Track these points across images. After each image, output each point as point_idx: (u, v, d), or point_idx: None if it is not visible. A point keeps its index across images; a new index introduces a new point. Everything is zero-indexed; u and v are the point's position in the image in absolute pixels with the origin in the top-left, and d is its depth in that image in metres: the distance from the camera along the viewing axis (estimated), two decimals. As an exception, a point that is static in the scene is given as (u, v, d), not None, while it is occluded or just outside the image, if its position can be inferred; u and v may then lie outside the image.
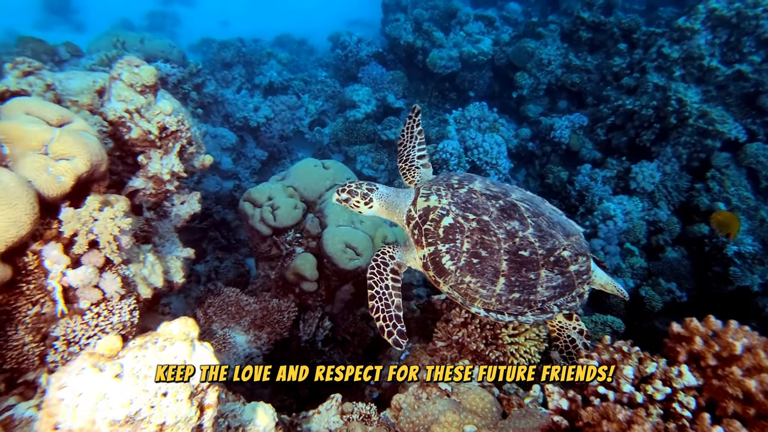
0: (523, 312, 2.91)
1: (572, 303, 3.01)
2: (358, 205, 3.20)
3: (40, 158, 2.11)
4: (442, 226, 2.89)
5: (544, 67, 9.74)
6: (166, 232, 3.45)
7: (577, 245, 3.02)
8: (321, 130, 9.82)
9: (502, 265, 2.81)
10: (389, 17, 12.35)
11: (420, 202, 3.04)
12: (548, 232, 2.94)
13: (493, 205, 2.95)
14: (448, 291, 2.93)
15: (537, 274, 2.85)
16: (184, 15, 16.90)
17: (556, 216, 3.20)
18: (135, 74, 3.38)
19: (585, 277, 3.02)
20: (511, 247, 2.83)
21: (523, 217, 2.93)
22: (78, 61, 7.87)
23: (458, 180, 3.15)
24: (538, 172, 9.60)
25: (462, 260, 2.82)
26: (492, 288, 2.82)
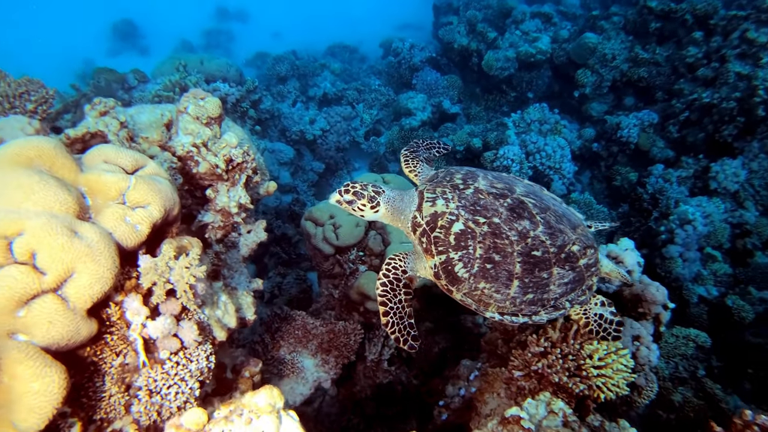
0: (536, 312, 2.84)
1: (582, 297, 2.95)
2: (363, 209, 3.01)
3: (118, 208, 2.14)
4: (453, 233, 2.75)
5: (608, 63, 9.23)
6: (234, 263, 3.48)
7: (585, 237, 2.93)
8: (377, 140, 9.79)
9: (515, 268, 2.71)
10: (441, 20, 12.16)
11: (426, 207, 2.87)
12: (557, 227, 2.84)
13: (501, 204, 2.82)
14: (461, 299, 2.82)
15: (549, 273, 2.77)
16: (238, 30, 17.46)
17: (559, 206, 3.07)
18: (200, 107, 3.42)
19: (594, 269, 2.96)
20: (524, 248, 2.73)
21: (532, 214, 2.82)
22: (145, 87, 8.24)
23: (462, 179, 2.96)
24: (603, 174, 9.11)
25: (475, 267, 2.71)
26: (506, 292, 2.73)
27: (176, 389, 2.07)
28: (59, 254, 1.80)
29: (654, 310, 3.69)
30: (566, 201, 7.73)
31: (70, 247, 1.83)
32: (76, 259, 1.84)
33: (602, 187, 9.16)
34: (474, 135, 9.14)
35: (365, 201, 2.98)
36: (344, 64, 12.25)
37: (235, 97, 7.76)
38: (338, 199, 2.98)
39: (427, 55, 10.50)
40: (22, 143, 2.08)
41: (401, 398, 5.23)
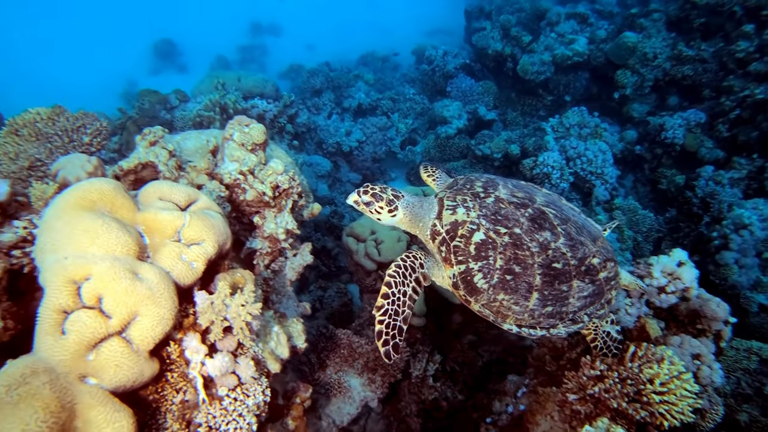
0: (555, 325, 2.78)
1: (601, 310, 2.89)
2: (379, 212, 2.91)
3: (175, 247, 2.19)
4: (474, 243, 2.68)
5: (649, 62, 8.92)
6: (281, 287, 3.53)
7: (605, 250, 2.88)
8: (413, 149, 9.77)
9: (535, 280, 2.66)
10: (473, 25, 12.05)
11: (446, 215, 2.79)
12: (578, 239, 2.79)
13: (522, 214, 2.76)
14: (479, 309, 2.76)
15: (569, 286, 2.72)
16: (272, 44, 17.79)
17: (579, 217, 3.01)
18: (245, 134, 3.50)
19: (613, 282, 2.90)
20: (545, 260, 2.68)
21: (553, 225, 2.77)
22: (186, 106, 8.50)
23: (482, 186, 2.89)
24: (648, 177, 8.81)
25: (495, 278, 2.65)
26: (525, 304, 2.68)
27: (235, 425, 2.11)
28: (123, 298, 1.86)
29: (714, 326, 3.54)
30: (610, 207, 7.54)
31: (132, 290, 1.89)
32: (139, 303, 1.89)
33: (646, 190, 8.86)
34: (511, 141, 9.00)
35: (383, 204, 2.89)
36: (377, 74, 12.31)
37: (272, 113, 7.90)
38: (356, 200, 2.91)
39: (460, 61, 10.43)
40: (85, 187, 2.16)
41: (447, 414, 5.18)
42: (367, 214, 2.99)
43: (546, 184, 7.65)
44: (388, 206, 2.89)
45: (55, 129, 3.76)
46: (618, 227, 7.30)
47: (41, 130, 3.76)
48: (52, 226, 2.02)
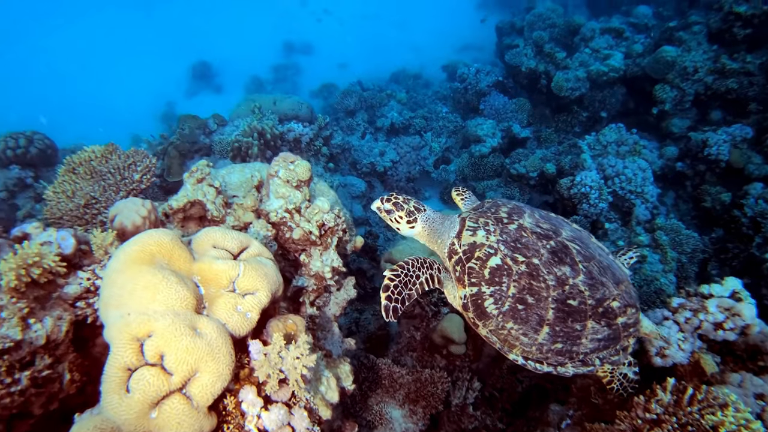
0: (563, 363, 2.71)
1: (615, 357, 2.80)
2: (399, 221, 2.99)
3: (230, 298, 2.24)
4: (489, 267, 2.67)
5: (690, 76, 8.68)
6: (326, 323, 3.56)
7: (627, 295, 2.81)
8: (446, 168, 9.75)
9: (548, 314, 2.61)
10: (504, 41, 12.00)
11: (465, 236, 2.80)
12: (599, 279, 2.72)
13: (543, 246, 2.73)
14: (486, 335, 2.74)
15: (583, 326, 2.65)
16: (304, 63, 18.15)
17: (605, 257, 2.93)
18: (291, 171, 3.56)
19: (632, 330, 2.82)
20: (560, 295, 2.63)
21: (574, 261, 2.72)
22: (223, 130, 8.72)
23: (507, 213, 2.89)
24: (690, 194, 8.52)
25: (506, 305, 2.63)
26: (534, 337, 2.64)
27: (289, 476, 2.13)
28: (184, 356, 1.91)
29: (779, 363, 3.38)
30: (651, 227, 7.32)
31: (193, 348, 1.94)
32: (199, 360, 1.94)
33: (688, 208, 8.57)
34: (547, 159, 8.88)
35: (402, 214, 2.96)
36: (409, 92, 12.37)
37: (308, 137, 8.03)
38: (378, 206, 3.01)
39: (493, 79, 10.37)
40: (144, 240, 2.24)
41: (487, 444, 5.09)
42: (388, 223, 3.07)
43: (584, 205, 7.50)
44: (408, 217, 2.97)
45: (108, 167, 3.91)
46: (661, 248, 7.08)
47: (95, 168, 3.92)
48: (115, 281, 2.10)
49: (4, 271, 1.97)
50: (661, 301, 6.59)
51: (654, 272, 6.96)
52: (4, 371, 1.77)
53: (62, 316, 2.12)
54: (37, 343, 1.96)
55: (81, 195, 3.80)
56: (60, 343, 2.05)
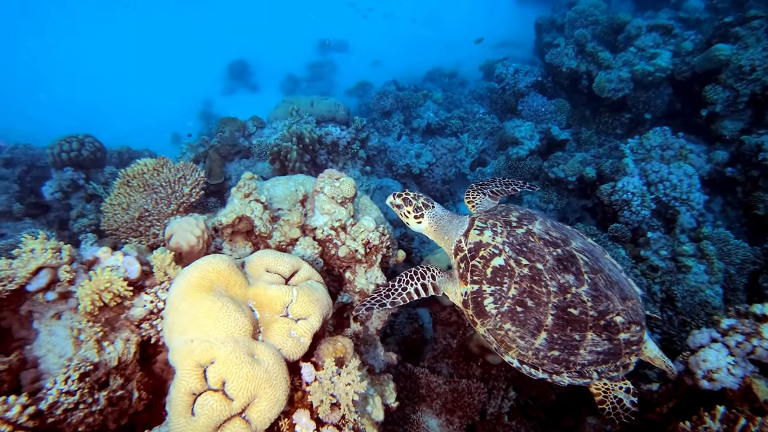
0: (559, 372, 2.71)
1: (615, 372, 2.77)
2: (407, 216, 3.14)
3: (284, 323, 2.33)
4: (492, 266, 2.73)
5: (746, 76, 8.28)
6: (368, 336, 3.63)
7: (633, 312, 2.79)
8: (483, 170, 9.68)
9: (547, 320, 2.63)
10: (543, 38, 11.76)
11: (473, 234, 2.89)
12: (604, 292, 2.71)
13: (549, 252, 2.76)
14: (483, 333, 2.79)
15: (583, 336, 2.65)
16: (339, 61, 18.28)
17: (616, 273, 2.92)
18: (336, 188, 3.64)
19: (635, 348, 2.79)
20: (561, 302, 2.64)
21: (580, 271, 2.72)
22: (262, 132, 8.90)
23: (517, 218, 2.94)
24: (740, 200, 8.20)
25: (505, 306, 2.67)
26: (531, 341, 2.66)
27: (339, 498, 2.21)
28: (244, 383, 2.01)
29: None
30: (697, 236, 7.09)
31: (252, 376, 2.03)
32: (258, 387, 2.04)
33: (738, 215, 8.25)
34: (587, 163, 8.70)
35: (410, 209, 3.11)
36: (445, 92, 12.28)
37: (346, 140, 8.11)
38: (391, 201, 3.22)
39: (532, 79, 10.19)
40: (204, 267, 2.35)
41: (523, 455, 5.09)
42: (399, 217, 3.24)
43: (625, 212, 7.33)
44: (415, 212, 3.11)
45: (160, 180, 4.08)
46: (707, 258, 6.86)
47: (148, 181, 4.09)
48: (178, 308, 2.21)
49: (80, 297, 2.11)
50: (706, 314, 6.41)
51: (699, 283, 6.77)
52: (86, 392, 1.91)
53: (130, 338, 2.26)
54: (110, 364, 2.10)
55: (135, 208, 3.98)
56: (129, 363, 2.19)
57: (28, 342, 2.13)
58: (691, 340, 3.61)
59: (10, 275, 2.02)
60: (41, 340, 2.15)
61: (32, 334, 2.16)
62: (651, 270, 6.92)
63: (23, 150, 10.26)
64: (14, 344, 2.10)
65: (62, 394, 1.83)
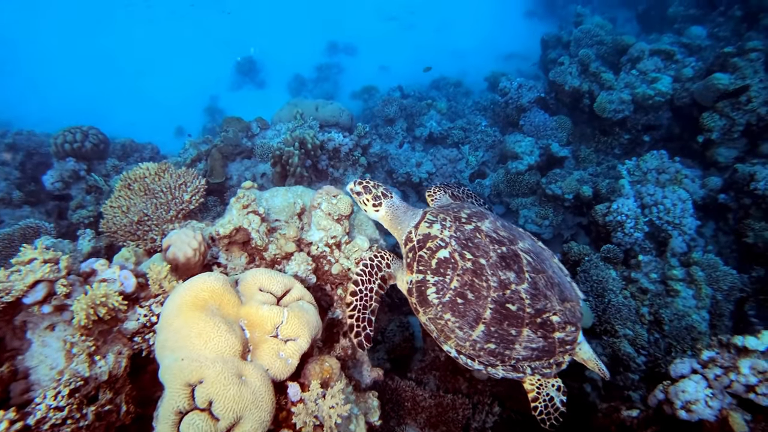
0: (494, 364, 2.82)
1: (547, 369, 2.89)
2: (366, 204, 3.27)
3: (273, 344, 2.42)
4: (437, 258, 2.85)
5: (742, 106, 8.39)
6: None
7: (570, 313, 2.91)
8: (482, 182, 9.76)
9: (485, 313, 2.73)
10: (549, 54, 11.85)
11: (423, 226, 3.02)
12: (543, 292, 2.83)
13: (494, 249, 2.87)
14: (425, 322, 2.90)
15: (519, 332, 2.76)
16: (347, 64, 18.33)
17: (560, 276, 3.05)
18: (333, 205, 3.71)
19: (569, 347, 2.91)
20: (500, 297, 2.75)
21: (522, 269, 2.84)
22: (265, 134, 8.98)
23: (468, 215, 3.07)
24: (731, 227, 8.29)
25: (447, 297, 2.78)
26: (469, 332, 2.75)
27: None
28: (231, 405, 2.09)
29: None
30: (687, 261, 7.18)
31: (239, 397, 2.11)
32: (244, 408, 2.12)
33: (728, 240, 8.34)
34: (584, 182, 8.79)
35: (369, 197, 3.25)
36: (449, 101, 12.35)
37: (348, 147, 8.18)
38: (351, 188, 3.32)
39: (535, 95, 10.26)
40: (198, 286, 2.43)
41: (504, 470, 5.18)
42: (359, 204, 3.35)
43: (618, 233, 7.41)
44: (374, 201, 3.25)
45: (161, 185, 4.15)
46: (696, 283, 6.95)
47: (149, 185, 4.17)
48: (171, 325, 2.29)
49: (76, 311, 2.18)
50: (692, 338, 6.49)
51: (686, 307, 6.85)
52: (75, 407, 1.99)
53: (122, 351, 2.33)
54: (101, 378, 2.17)
55: (135, 211, 4.06)
56: (119, 377, 2.26)
57: (20, 352, 2.21)
58: (672, 369, 3.69)
59: (7, 287, 2.09)
60: (33, 351, 2.23)
61: (25, 344, 2.23)
62: (640, 292, 7.00)
63: (26, 136, 10.31)
64: (6, 354, 2.17)
65: (51, 410, 1.91)
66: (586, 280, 6.72)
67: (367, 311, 3.00)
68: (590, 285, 6.67)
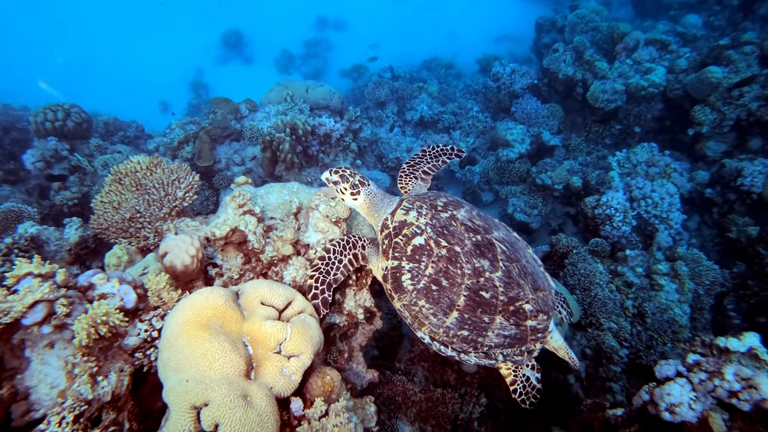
0: (467, 351, 2.86)
1: (519, 357, 2.94)
2: (343, 192, 3.25)
3: (277, 361, 2.40)
4: (412, 245, 2.89)
5: (734, 100, 8.46)
6: (352, 352, 3.73)
7: (542, 302, 2.97)
8: (472, 169, 9.74)
9: (459, 300, 2.77)
10: (543, 39, 11.73)
11: (399, 213, 3.06)
12: (516, 281, 2.89)
13: (469, 238, 2.92)
14: (399, 308, 2.93)
15: (491, 319, 2.80)
16: (336, 40, 17.87)
17: (533, 266, 3.11)
18: (331, 207, 3.67)
19: (540, 335, 2.96)
20: (474, 284, 2.80)
21: (496, 258, 2.89)
22: (254, 116, 8.79)
23: (444, 203, 3.12)
24: (715, 220, 8.46)
25: (421, 283, 2.81)
26: (443, 319, 2.79)
27: None
28: (237, 428, 2.09)
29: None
30: (672, 255, 7.32)
31: (245, 420, 2.11)
32: (250, 430, 2.11)
33: (712, 234, 8.52)
34: (574, 172, 8.84)
35: (347, 186, 3.23)
36: (441, 84, 12.20)
37: (339, 132, 8.06)
38: (327, 177, 3.28)
39: (528, 81, 10.18)
40: (201, 304, 2.39)
41: (491, 459, 5.32)
42: (335, 193, 3.35)
43: (607, 226, 7.51)
44: (352, 189, 3.23)
45: (153, 181, 4.04)
46: (680, 278, 7.11)
47: (141, 180, 4.05)
48: (174, 344, 2.26)
49: (77, 331, 2.13)
50: (673, 332, 6.67)
51: (669, 301, 7.02)
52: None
53: (123, 369, 2.30)
54: (104, 399, 2.15)
55: (126, 208, 3.96)
56: (122, 396, 2.24)
57: (19, 371, 2.16)
58: (658, 370, 3.78)
59: (5, 309, 2.03)
60: (33, 370, 2.19)
61: (24, 362, 2.19)
62: (626, 285, 7.14)
63: (2, 110, 9.94)
64: (5, 374, 2.13)
65: (56, 437, 1.89)
66: (574, 273, 6.82)
67: (330, 277, 3.00)
68: (577, 278, 6.77)
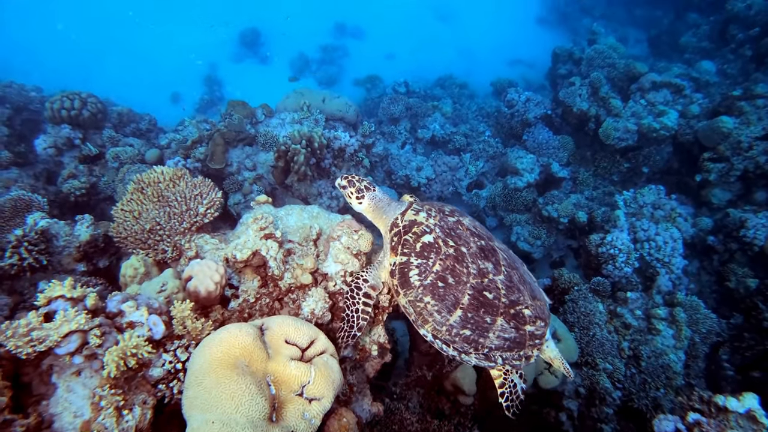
0: (467, 351, 2.90)
1: (517, 361, 2.99)
2: (350, 196, 3.45)
3: (299, 404, 2.42)
4: (421, 242, 2.99)
5: (743, 152, 8.57)
6: (360, 384, 3.74)
7: (540, 309, 3.06)
8: (479, 193, 9.80)
9: (463, 298, 2.84)
10: (558, 68, 11.83)
11: (409, 213, 3.18)
12: (517, 286, 2.99)
13: (475, 242, 3.04)
14: (404, 304, 3.00)
15: (493, 320, 2.86)
16: (353, 48, 17.87)
17: (529, 278, 3.24)
18: (354, 240, 3.69)
19: (537, 341, 3.02)
20: (478, 284, 2.88)
21: (498, 262, 3.00)
22: (269, 121, 8.80)
23: (450, 210, 3.27)
24: (715, 268, 8.56)
25: (428, 279, 2.89)
26: (447, 316, 2.85)
27: None
28: (261, 476, 2.10)
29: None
30: (671, 300, 7.40)
31: (269, 468, 2.12)
32: (273, 478, 2.13)
33: (711, 281, 8.61)
34: (580, 207, 8.92)
35: (353, 190, 3.42)
36: (454, 103, 12.25)
37: (353, 147, 8.09)
38: (338, 182, 3.51)
39: (542, 111, 10.27)
40: (230, 342, 2.40)
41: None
42: (345, 198, 3.54)
43: (609, 266, 7.57)
44: (357, 193, 3.41)
45: (175, 193, 4.05)
46: (677, 324, 7.18)
47: (163, 192, 4.06)
48: (201, 383, 2.27)
49: (107, 363, 2.14)
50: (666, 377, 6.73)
51: (665, 346, 7.10)
52: (103, 470, 1.97)
53: (146, 401, 2.31)
54: (127, 433, 2.16)
55: (147, 219, 3.96)
56: (144, 430, 2.25)
57: (45, 397, 2.17)
58: (656, 425, 3.83)
59: (42, 337, 2.04)
60: (58, 397, 2.19)
61: (50, 389, 2.19)
62: (624, 327, 7.22)
63: (17, 90, 9.89)
64: (32, 399, 2.13)
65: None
66: (574, 310, 6.88)
67: (355, 329, 3.11)
68: (577, 316, 6.83)
